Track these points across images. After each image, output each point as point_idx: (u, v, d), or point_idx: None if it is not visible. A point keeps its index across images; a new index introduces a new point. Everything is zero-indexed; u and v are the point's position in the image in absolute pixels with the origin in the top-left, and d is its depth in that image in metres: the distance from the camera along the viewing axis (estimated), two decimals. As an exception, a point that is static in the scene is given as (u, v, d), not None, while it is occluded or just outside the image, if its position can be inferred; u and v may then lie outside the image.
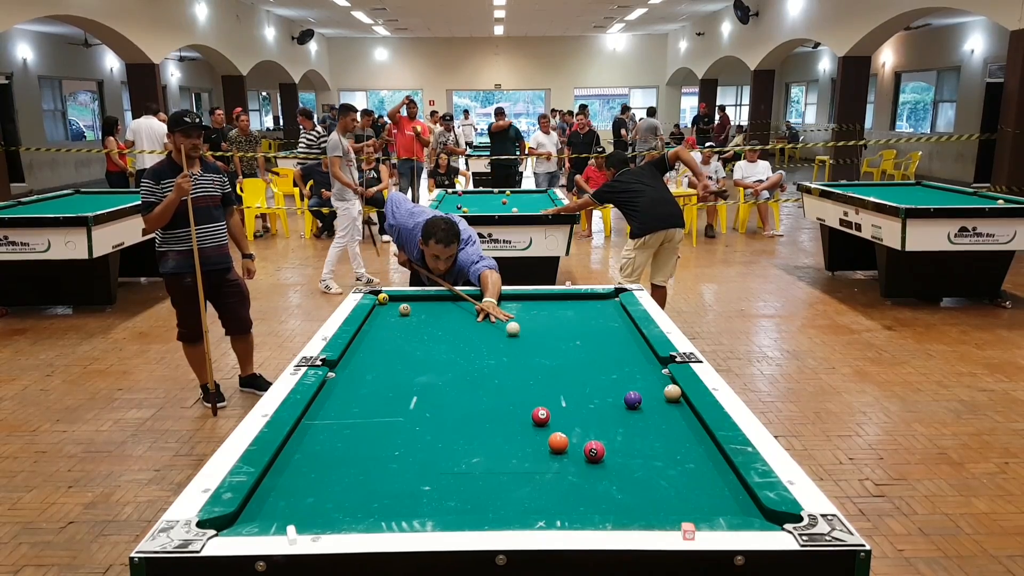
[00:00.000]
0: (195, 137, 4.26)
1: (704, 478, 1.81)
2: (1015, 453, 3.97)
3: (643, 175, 5.72)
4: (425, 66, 26.84)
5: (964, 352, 5.56)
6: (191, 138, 4.25)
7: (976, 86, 15.79)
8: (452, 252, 3.69)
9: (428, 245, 3.71)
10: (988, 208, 6.36)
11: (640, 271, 5.65)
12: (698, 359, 2.54)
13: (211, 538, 1.49)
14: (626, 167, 5.87)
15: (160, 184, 4.25)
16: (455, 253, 3.70)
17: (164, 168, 4.33)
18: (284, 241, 10.56)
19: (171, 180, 4.20)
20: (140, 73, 14.46)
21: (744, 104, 25.13)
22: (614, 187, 5.75)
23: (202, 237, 4.34)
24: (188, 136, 4.24)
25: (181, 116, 4.29)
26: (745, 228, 10.89)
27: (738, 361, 5.42)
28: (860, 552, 1.44)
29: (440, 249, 3.67)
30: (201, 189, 4.35)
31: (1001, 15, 10.02)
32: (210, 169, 4.49)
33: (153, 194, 4.24)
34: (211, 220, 4.40)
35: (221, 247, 4.49)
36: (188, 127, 4.23)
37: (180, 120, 4.28)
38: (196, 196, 4.26)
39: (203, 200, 4.36)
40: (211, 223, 4.40)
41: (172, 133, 4.29)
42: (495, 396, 2.37)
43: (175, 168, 4.28)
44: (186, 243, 4.31)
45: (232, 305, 4.62)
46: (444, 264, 3.72)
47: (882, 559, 3.03)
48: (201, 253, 4.30)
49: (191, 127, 4.24)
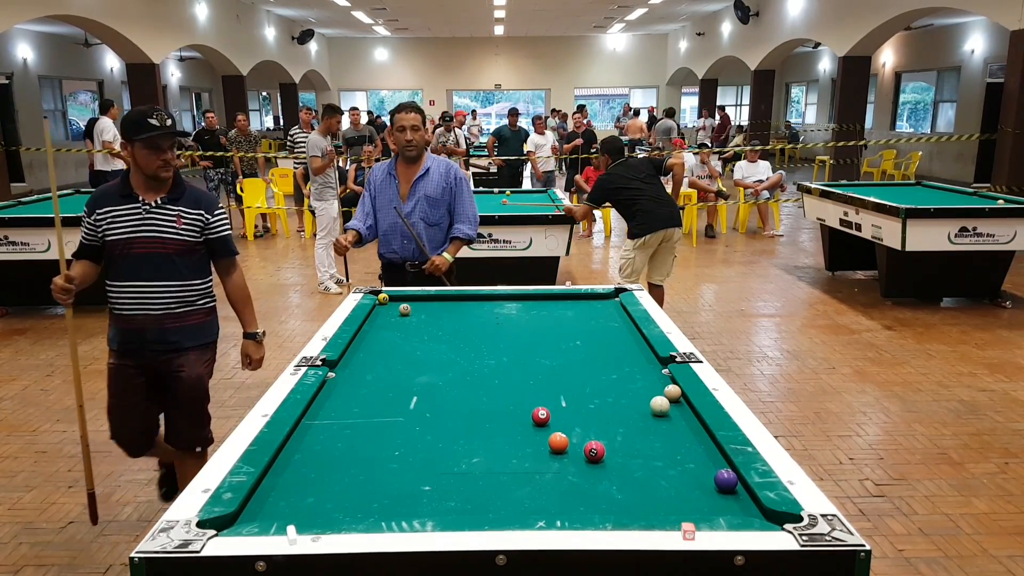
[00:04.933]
0: (165, 150, 2.82)
1: (704, 478, 1.81)
2: (1015, 453, 3.97)
3: (640, 172, 5.65)
4: (425, 66, 26.85)
5: (964, 352, 5.56)
6: (159, 152, 2.80)
7: (976, 86, 15.79)
8: (416, 120, 3.85)
9: (394, 121, 3.89)
10: (988, 208, 6.36)
11: (640, 271, 5.65)
12: (698, 359, 2.54)
13: (211, 538, 1.49)
14: (621, 156, 5.78)
15: (95, 216, 2.88)
16: (420, 124, 3.87)
17: (112, 193, 2.92)
18: (284, 241, 10.56)
19: (113, 213, 2.86)
20: (140, 73, 14.46)
21: (744, 104, 25.13)
22: (610, 183, 5.64)
23: (134, 299, 2.89)
24: (155, 149, 2.79)
25: (143, 117, 2.79)
26: (745, 228, 10.89)
27: (738, 361, 5.42)
28: (860, 552, 1.44)
29: (403, 116, 3.84)
30: (153, 227, 2.86)
31: (1001, 15, 10.02)
32: (190, 199, 2.94)
33: (85, 231, 2.94)
34: (157, 275, 2.89)
35: (166, 318, 2.92)
36: (155, 135, 2.77)
37: (141, 123, 2.77)
38: (142, 237, 2.85)
39: (152, 244, 2.86)
40: (156, 280, 2.89)
41: (129, 141, 2.81)
42: (495, 396, 2.36)
43: (127, 195, 2.87)
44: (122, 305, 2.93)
45: (173, 415, 3.07)
46: (412, 133, 3.84)
47: (882, 559, 3.03)
48: (131, 323, 2.91)
49: (160, 134, 2.78)
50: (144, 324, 2.91)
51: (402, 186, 3.97)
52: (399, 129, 3.87)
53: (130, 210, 2.86)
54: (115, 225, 2.86)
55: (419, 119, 3.88)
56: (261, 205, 10.60)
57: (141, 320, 2.90)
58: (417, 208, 3.94)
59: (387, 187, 4.01)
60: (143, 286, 2.88)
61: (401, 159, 3.99)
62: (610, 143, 5.93)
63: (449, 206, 4.00)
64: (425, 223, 3.96)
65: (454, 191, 3.99)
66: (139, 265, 2.87)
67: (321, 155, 7.38)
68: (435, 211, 3.97)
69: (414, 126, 3.85)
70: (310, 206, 10.31)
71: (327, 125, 7.68)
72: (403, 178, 3.98)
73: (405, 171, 3.99)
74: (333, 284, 7.52)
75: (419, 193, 3.93)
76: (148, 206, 2.86)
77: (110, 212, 2.87)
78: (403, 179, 3.98)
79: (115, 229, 2.86)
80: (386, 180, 4.03)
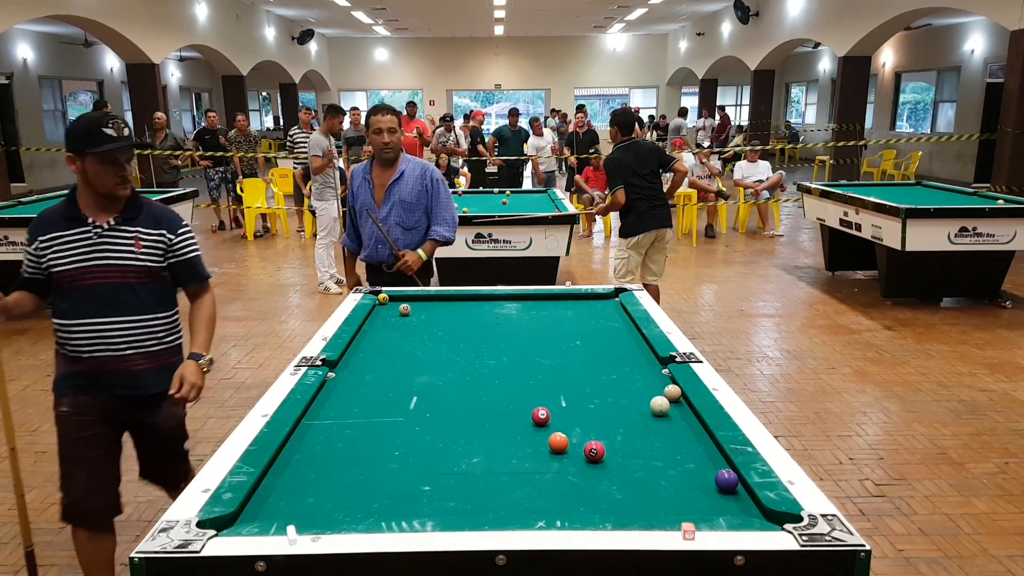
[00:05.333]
0: (123, 164, 2.44)
1: (704, 478, 1.81)
2: (1015, 453, 3.97)
3: (645, 166, 5.55)
4: (425, 66, 26.84)
5: (964, 352, 5.56)
6: (117, 167, 2.42)
7: (976, 86, 15.79)
8: (393, 122, 3.80)
9: (370, 124, 3.83)
10: (988, 208, 6.36)
11: (636, 271, 5.66)
12: (698, 359, 2.54)
13: (211, 538, 1.49)
14: (631, 132, 5.66)
15: (37, 246, 2.49)
16: (396, 126, 3.82)
17: (56, 216, 2.52)
18: (284, 241, 10.56)
19: (59, 240, 2.47)
20: (140, 73, 14.46)
21: (744, 104, 25.13)
22: (620, 167, 5.49)
23: (94, 338, 2.49)
24: (111, 164, 2.41)
25: (96, 127, 2.40)
26: (745, 228, 10.89)
27: (738, 361, 5.42)
28: (860, 552, 1.44)
29: (380, 119, 3.79)
30: (108, 254, 2.47)
31: (1001, 15, 10.02)
32: (149, 218, 2.55)
33: (26, 262, 2.55)
34: (118, 309, 2.50)
35: (135, 357, 2.55)
36: (112, 147, 2.39)
37: (95, 133, 2.39)
38: (95, 265, 2.46)
39: (108, 273, 2.47)
40: (117, 315, 2.49)
41: (79, 155, 2.41)
42: (495, 396, 2.36)
43: (74, 217, 2.48)
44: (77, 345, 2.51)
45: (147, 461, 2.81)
46: (389, 136, 3.79)
47: (882, 559, 3.03)
48: (92, 365, 2.51)
49: (117, 147, 2.40)
50: (109, 366, 2.52)
51: (377, 190, 3.92)
52: (375, 132, 3.82)
53: (79, 235, 2.47)
54: (62, 254, 2.46)
55: (395, 121, 3.83)
56: (261, 205, 10.60)
57: (105, 361, 2.51)
58: (392, 213, 3.89)
59: (363, 191, 3.96)
60: (102, 323, 2.48)
61: (377, 162, 3.94)
62: (621, 115, 5.81)
63: (426, 209, 3.94)
64: (401, 227, 3.90)
65: (430, 193, 3.92)
66: (95, 298, 2.47)
67: (322, 155, 7.39)
68: (410, 215, 3.91)
69: (391, 128, 3.80)
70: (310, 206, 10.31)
71: (329, 125, 7.69)
72: (378, 182, 3.93)
73: (380, 174, 3.93)
74: (333, 284, 7.52)
75: (393, 197, 3.88)
76: (100, 229, 2.47)
77: (55, 240, 2.47)
78: (378, 183, 3.93)
79: (62, 259, 2.46)
80: (362, 184, 3.97)
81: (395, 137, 3.83)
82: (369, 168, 3.98)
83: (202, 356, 2.58)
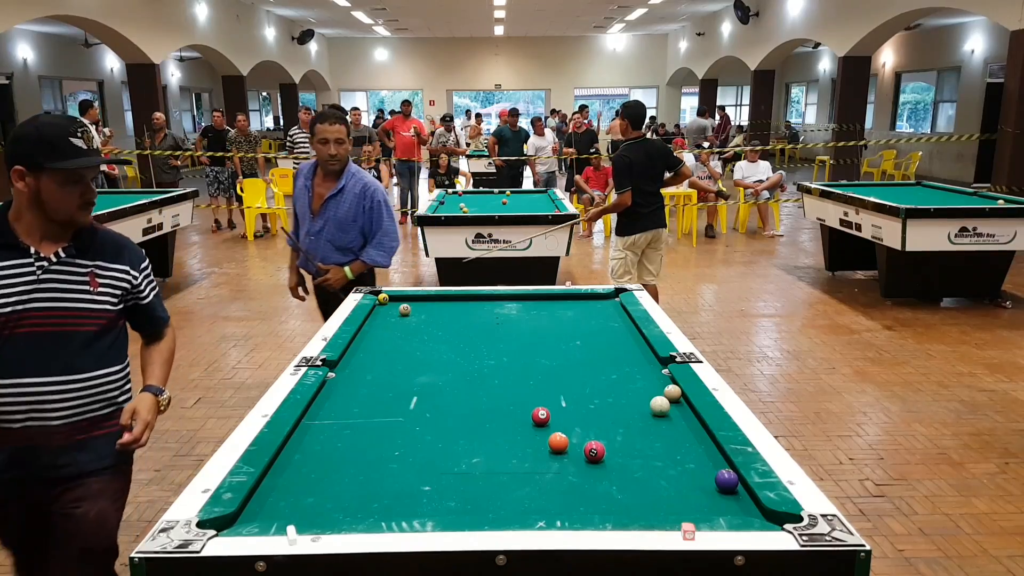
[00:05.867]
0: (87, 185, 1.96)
1: (704, 478, 1.81)
2: (1015, 453, 3.97)
3: (653, 167, 5.52)
4: (425, 66, 26.84)
5: (964, 352, 5.56)
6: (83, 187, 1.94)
7: (976, 86, 15.79)
8: (341, 132, 3.55)
9: (315, 132, 3.56)
10: (988, 208, 6.36)
11: (633, 271, 5.66)
12: (698, 359, 2.54)
13: (211, 538, 1.49)
14: (640, 126, 5.57)
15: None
16: (344, 136, 3.57)
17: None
18: (284, 241, 10.56)
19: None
20: (140, 73, 14.46)
21: (744, 104, 25.12)
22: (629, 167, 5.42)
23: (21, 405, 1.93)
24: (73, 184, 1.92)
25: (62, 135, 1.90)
26: (745, 228, 10.89)
27: (738, 361, 5.42)
28: (860, 552, 1.44)
29: (327, 128, 3.53)
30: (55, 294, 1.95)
31: (1001, 15, 10.02)
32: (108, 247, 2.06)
33: None
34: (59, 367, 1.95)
35: (70, 430, 1.99)
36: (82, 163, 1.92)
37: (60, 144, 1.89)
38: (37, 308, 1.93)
39: (53, 319, 1.94)
40: (57, 374, 1.95)
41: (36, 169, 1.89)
42: (495, 396, 2.37)
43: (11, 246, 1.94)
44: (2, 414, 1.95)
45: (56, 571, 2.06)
46: (336, 147, 3.54)
47: (882, 559, 3.03)
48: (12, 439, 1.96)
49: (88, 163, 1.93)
50: (36, 441, 1.96)
51: (315, 199, 3.70)
52: (321, 141, 3.54)
53: (18, 269, 1.92)
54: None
55: (344, 131, 3.57)
56: (261, 205, 10.61)
57: (31, 435, 1.95)
58: (325, 229, 3.67)
59: (303, 196, 3.74)
60: (35, 385, 1.92)
61: (321, 169, 3.70)
62: (632, 107, 5.68)
63: (363, 229, 3.69)
64: (332, 245, 3.68)
65: (369, 215, 3.66)
66: (30, 352, 1.92)
67: None
68: (343, 235, 3.68)
69: (339, 139, 3.55)
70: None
71: None
72: (317, 190, 3.70)
73: (321, 183, 3.69)
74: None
75: (329, 213, 3.65)
76: (46, 262, 1.94)
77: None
78: (317, 191, 3.70)
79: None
80: (303, 189, 3.74)
81: (343, 149, 3.58)
82: (312, 172, 3.74)
83: (162, 391, 2.11)
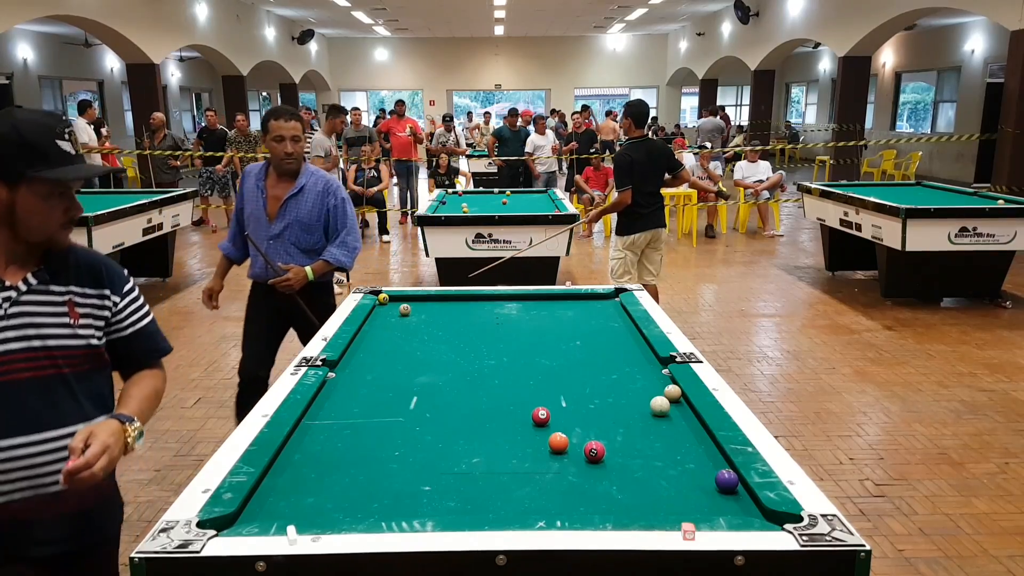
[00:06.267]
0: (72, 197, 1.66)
1: (704, 478, 1.81)
2: (1015, 453, 3.97)
3: (656, 166, 5.52)
4: (425, 66, 26.83)
5: (964, 352, 5.56)
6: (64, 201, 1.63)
7: (976, 86, 15.79)
8: (297, 129, 3.32)
9: (269, 129, 3.33)
10: (988, 208, 6.36)
11: (632, 271, 5.66)
12: (698, 359, 2.54)
13: (211, 538, 1.49)
14: (644, 124, 5.55)
15: None
16: (300, 133, 3.34)
17: None
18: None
19: None
20: (140, 73, 14.46)
21: (744, 104, 25.12)
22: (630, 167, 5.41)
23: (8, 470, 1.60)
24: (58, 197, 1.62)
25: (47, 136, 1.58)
26: (745, 228, 10.89)
27: (738, 361, 5.42)
28: (860, 552, 1.44)
29: (282, 125, 3.30)
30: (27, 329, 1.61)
31: (1001, 15, 10.02)
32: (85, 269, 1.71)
33: None
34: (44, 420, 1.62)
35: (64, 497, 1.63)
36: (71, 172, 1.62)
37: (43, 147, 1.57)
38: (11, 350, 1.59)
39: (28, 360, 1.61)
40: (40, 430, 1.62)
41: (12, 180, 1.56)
42: (495, 396, 2.36)
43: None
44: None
45: None
46: (292, 145, 3.32)
47: (882, 559, 3.03)
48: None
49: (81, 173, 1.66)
50: (22, 514, 1.62)
51: (270, 202, 3.44)
52: (276, 139, 3.32)
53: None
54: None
55: (299, 128, 3.35)
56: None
57: (16, 509, 1.61)
58: (287, 232, 3.44)
59: (254, 200, 3.48)
60: (17, 446, 1.59)
61: (274, 170, 3.46)
62: (635, 106, 5.66)
63: (326, 229, 3.52)
64: (298, 248, 3.47)
65: (333, 213, 3.49)
66: (8, 404, 1.58)
67: (324, 156, 7.38)
68: (309, 236, 3.48)
69: (295, 136, 3.33)
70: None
71: (331, 126, 7.69)
72: (272, 192, 3.45)
73: (276, 185, 3.45)
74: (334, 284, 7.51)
75: (290, 215, 3.43)
76: (14, 292, 1.60)
77: None
78: (272, 194, 3.45)
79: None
80: (254, 192, 3.47)
81: (299, 147, 3.36)
82: (264, 173, 3.48)
83: (133, 420, 1.65)
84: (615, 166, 5.67)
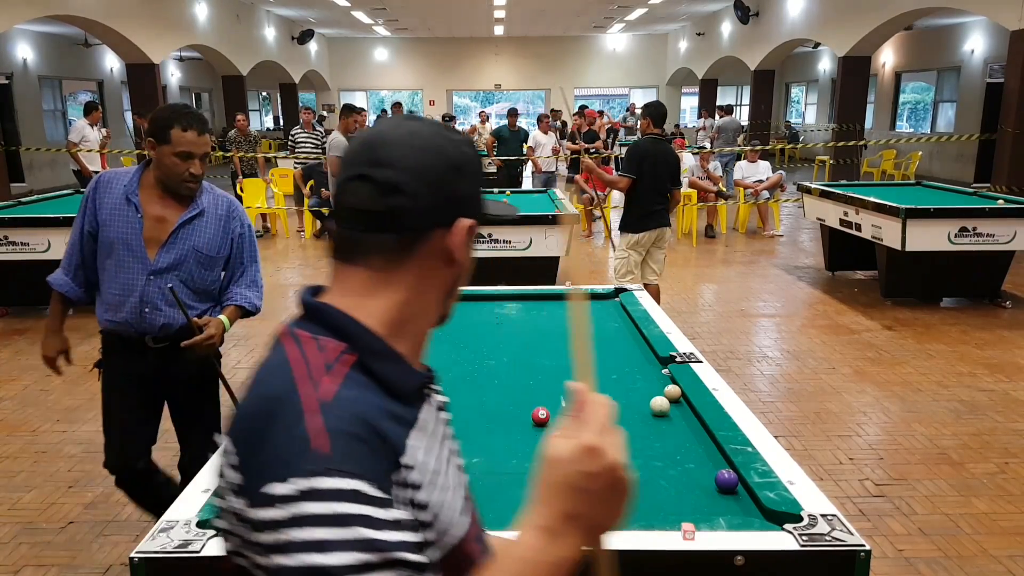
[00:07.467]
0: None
1: (704, 478, 1.81)
2: (1015, 453, 3.97)
3: (665, 168, 5.56)
4: (425, 66, 26.84)
5: (964, 352, 5.56)
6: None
7: (976, 86, 15.79)
8: (207, 146, 2.50)
9: (171, 138, 2.42)
10: (988, 208, 6.36)
11: (636, 270, 5.67)
12: (698, 359, 2.54)
13: (211, 538, 1.49)
14: (662, 124, 5.65)
15: None
16: (209, 151, 2.53)
17: None
18: (284, 241, 10.56)
19: None
20: (140, 73, 14.46)
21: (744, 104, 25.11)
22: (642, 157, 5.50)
23: None
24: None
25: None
26: (745, 228, 10.89)
27: (738, 361, 5.42)
28: (860, 552, 1.44)
29: (192, 138, 2.43)
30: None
31: (1001, 15, 10.02)
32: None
33: None
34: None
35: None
36: None
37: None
38: None
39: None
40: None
41: None
42: (495, 396, 2.37)
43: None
44: None
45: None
46: (201, 166, 2.50)
47: (882, 559, 3.03)
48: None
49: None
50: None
51: (152, 225, 2.52)
52: (182, 155, 2.44)
53: None
54: None
55: (209, 144, 2.53)
56: (261, 205, 10.60)
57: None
58: (180, 267, 2.55)
59: (120, 218, 2.52)
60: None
61: (158, 187, 2.53)
62: (655, 107, 5.80)
63: (226, 264, 2.70)
64: (188, 288, 2.58)
65: (239, 243, 2.69)
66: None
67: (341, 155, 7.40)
68: (208, 272, 2.63)
69: (205, 154, 2.51)
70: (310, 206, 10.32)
71: (345, 125, 7.72)
72: (153, 211, 2.53)
73: (163, 204, 2.54)
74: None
75: (186, 244, 2.55)
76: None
77: None
78: (153, 213, 2.53)
79: None
80: (122, 210, 2.52)
81: (203, 168, 2.54)
82: (136, 185, 2.54)
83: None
84: (627, 152, 5.76)
